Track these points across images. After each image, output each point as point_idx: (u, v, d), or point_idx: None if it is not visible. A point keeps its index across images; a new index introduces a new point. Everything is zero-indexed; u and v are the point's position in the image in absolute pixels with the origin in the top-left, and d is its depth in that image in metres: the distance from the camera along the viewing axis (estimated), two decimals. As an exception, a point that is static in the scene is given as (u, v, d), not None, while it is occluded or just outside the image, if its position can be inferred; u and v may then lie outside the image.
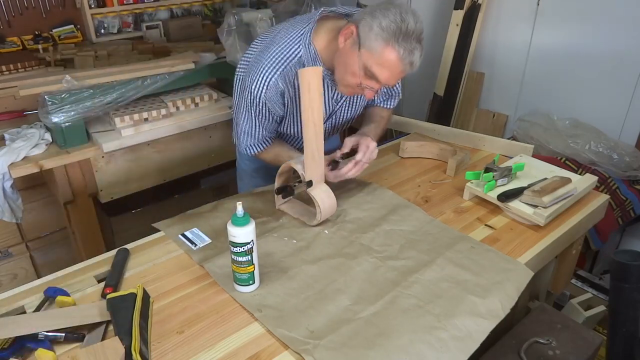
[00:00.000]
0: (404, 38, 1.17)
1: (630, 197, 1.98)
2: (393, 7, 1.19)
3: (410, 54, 1.19)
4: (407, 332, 1.00)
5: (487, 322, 1.04)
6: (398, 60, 1.20)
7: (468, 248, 1.26)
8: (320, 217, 1.32)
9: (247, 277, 1.09)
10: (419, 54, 1.21)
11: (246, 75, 1.38)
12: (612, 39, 2.04)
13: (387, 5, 1.20)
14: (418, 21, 1.19)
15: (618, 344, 1.36)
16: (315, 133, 1.25)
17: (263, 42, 1.41)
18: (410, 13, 1.18)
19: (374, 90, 1.29)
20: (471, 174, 1.46)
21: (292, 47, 1.33)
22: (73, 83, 1.84)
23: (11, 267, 2.25)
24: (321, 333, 1.00)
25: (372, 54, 1.21)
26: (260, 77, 1.32)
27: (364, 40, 1.20)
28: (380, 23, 1.18)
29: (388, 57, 1.19)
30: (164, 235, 1.33)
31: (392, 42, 1.18)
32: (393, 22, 1.17)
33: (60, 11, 2.83)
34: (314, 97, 1.21)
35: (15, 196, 1.86)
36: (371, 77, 1.25)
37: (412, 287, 1.13)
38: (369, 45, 1.20)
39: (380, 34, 1.18)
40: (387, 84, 1.27)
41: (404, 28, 1.17)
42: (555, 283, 1.64)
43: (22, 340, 0.97)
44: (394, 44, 1.18)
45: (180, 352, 0.97)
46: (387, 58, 1.20)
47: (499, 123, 2.55)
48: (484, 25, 2.46)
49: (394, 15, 1.17)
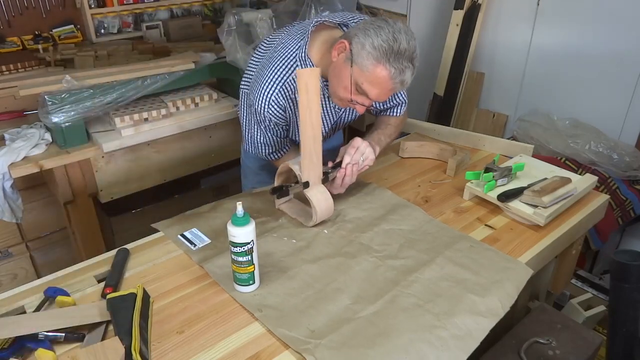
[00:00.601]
0: (396, 58, 1.18)
1: (630, 197, 1.98)
2: (387, 26, 1.19)
3: (401, 74, 1.20)
4: (407, 331, 1.00)
5: (487, 320, 1.05)
6: (388, 79, 1.20)
7: (467, 247, 1.26)
8: (316, 219, 1.31)
9: (247, 277, 1.09)
10: (410, 73, 1.21)
11: (250, 92, 1.41)
12: (612, 39, 2.04)
13: (380, 24, 1.20)
14: (411, 40, 1.19)
15: (618, 344, 1.36)
16: (313, 134, 1.26)
17: (263, 56, 1.44)
18: (404, 32, 1.19)
19: (364, 106, 1.30)
20: (471, 174, 1.46)
21: (289, 63, 1.35)
22: (73, 83, 1.84)
23: (11, 267, 2.25)
24: (322, 332, 1.00)
25: (363, 71, 1.21)
26: (261, 95, 1.36)
27: (356, 57, 1.21)
28: (373, 42, 1.18)
29: (379, 75, 1.20)
30: (164, 235, 1.32)
31: (383, 62, 1.18)
32: (385, 42, 1.17)
33: (60, 11, 2.84)
34: (312, 98, 1.21)
35: (15, 196, 1.86)
36: (362, 93, 1.26)
37: (412, 286, 1.13)
38: (360, 62, 1.20)
39: (372, 53, 1.18)
40: (377, 100, 1.28)
41: (396, 48, 1.17)
42: (555, 283, 1.64)
43: (22, 340, 0.97)
44: (385, 63, 1.18)
45: (180, 352, 0.97)
46: (377, 76, 1.20)
47: (499, 123, 2.55)
48: (484, 25, 2.46)
49: (387, 34, 1.17)
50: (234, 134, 2.21)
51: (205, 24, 3.35)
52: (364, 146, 1.37)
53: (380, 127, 1.56)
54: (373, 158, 1.40)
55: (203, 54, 2.19)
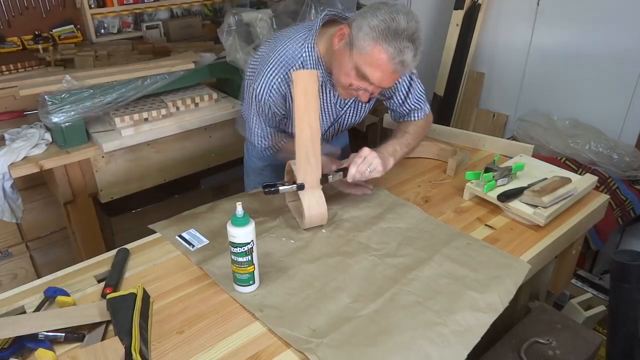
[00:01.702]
0: (394, 37, 1.15)
1: (630, 197, 1.98)
2: (385, 7, 1.17)
3: (401, 53, 1.16)
4: (408, 329, 1.01)
5: (486, 316, 1.05)
6: (388, 60, 1.18)
7: (464, 244, 1.27)
8: (304, 224, 1.30)
9: (247, 278, 1.09)
10: (411, 54, 1.17)
11: (253, 80, 1.39)
12: (612, 39, 2.04)
13: (378, 5, 1.19)
14: (411, 20, 1.17)
15: (618, 344, 1.36)
16: (311, 136, 1.24)
17: (268, 47, 1.41)
18: (403, 13, 1.16)
19: (368, 92, 1.28)
20: (471, 174, 1.46)
21: (295, 51, 1.33)
22: (73, 83, 1.84)
23: (11, 267, 2.25)
24: (323, 331, 1.00)
25: (362, 54, 1.20)
26: (264, 80, 1.34)
27: (354, 41, 1.20)
28: (369, 23, 1.16)
29: (377, 56, 1.18)
30: (163, 235, 1.33)
31: (380, 42, 1.16)
32: (382, 22, 1.15)
33: (60, 11, 2.83)
34: (311, 101, 1.21)
35: (15, 196, 1.86)
36: (363, 78, 1.24)
37: (411, 284, 1.13)
38: (359, 45, 1.19)
39: (369, 34, 1.16)
40: (381, 85, 1.25)
41: (394, 27, 1.15)
42: (555, 283, 1.64)
43: (22, 340, 0.97)
44: (383, 43, 1.16)
45: (180, 352, 0.97)
46: (376, 57, 1.18)
47: (499, 123, 2.56)
48: (484, 25, 2.46)
49: (384, 14, 1.16)
50: (234, 134, 2.21)
51: (205, 24, 3.35)
52: (371, 157, 1.31)
53: (396, 135, 1.48)
54: (381, 170, 1.33)
55: (203, 54, 2.19)
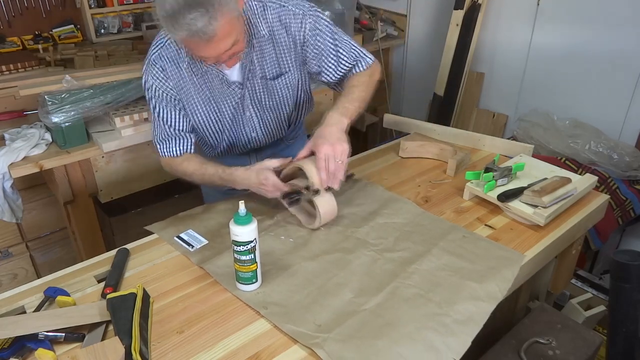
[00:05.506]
0: (175, 20, 1.06)
1: (630, 197, 1.98)
2: None
3: (192, 27, 1.06)
4: (412, 320, 1.03)
5: (487, 304, 1.07)
6: (190, 41, 1.11)
7: (460, 237, 1.28)
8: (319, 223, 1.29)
9: (250, 276, 1.09)
10: (203, 18, 1.05)
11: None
12: (612, 39, 2.04)
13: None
14: None
15: (618, 344, 1.36)
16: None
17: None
18: None
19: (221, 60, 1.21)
20: (471, 174, 1.46)
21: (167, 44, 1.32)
22: (73, 83, 1.84)
23: (11, 267, 2.25)
24: (328, 326, 1.01)
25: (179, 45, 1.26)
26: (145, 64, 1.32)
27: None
28: (159, 15, 1.09)
29: (180, 41, 1.18)
30: (164, 235, 1.32)
31: (171, 30, 1.09)
32: (161, 10, 1.07)
33: (60, 11, 2.83)
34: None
35: (15, 196, 1.86)
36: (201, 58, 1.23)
37: (412, 277, 1.15)
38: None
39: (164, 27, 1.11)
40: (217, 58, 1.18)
41: (167, 9, 1.06)
42: (555, 283, 1.64)
43: (22, 340, 0.97)
44: (172, 30, 1.09)
45: (181, 352, 0.97)
46: (183, 43, 1.19)
47: (499, 123, 2.56)
48: (484, 25, 2.46)
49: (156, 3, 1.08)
50: (234, 134, 2.21)
51: (205, 24, 3.35)
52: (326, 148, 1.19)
53: (343, 94, 1.35)
54: (346, 148, 1.21)
55: (203, 54, 2.18)
